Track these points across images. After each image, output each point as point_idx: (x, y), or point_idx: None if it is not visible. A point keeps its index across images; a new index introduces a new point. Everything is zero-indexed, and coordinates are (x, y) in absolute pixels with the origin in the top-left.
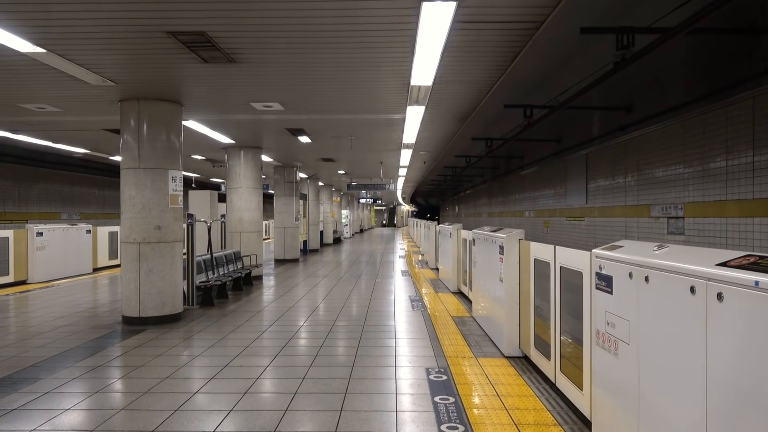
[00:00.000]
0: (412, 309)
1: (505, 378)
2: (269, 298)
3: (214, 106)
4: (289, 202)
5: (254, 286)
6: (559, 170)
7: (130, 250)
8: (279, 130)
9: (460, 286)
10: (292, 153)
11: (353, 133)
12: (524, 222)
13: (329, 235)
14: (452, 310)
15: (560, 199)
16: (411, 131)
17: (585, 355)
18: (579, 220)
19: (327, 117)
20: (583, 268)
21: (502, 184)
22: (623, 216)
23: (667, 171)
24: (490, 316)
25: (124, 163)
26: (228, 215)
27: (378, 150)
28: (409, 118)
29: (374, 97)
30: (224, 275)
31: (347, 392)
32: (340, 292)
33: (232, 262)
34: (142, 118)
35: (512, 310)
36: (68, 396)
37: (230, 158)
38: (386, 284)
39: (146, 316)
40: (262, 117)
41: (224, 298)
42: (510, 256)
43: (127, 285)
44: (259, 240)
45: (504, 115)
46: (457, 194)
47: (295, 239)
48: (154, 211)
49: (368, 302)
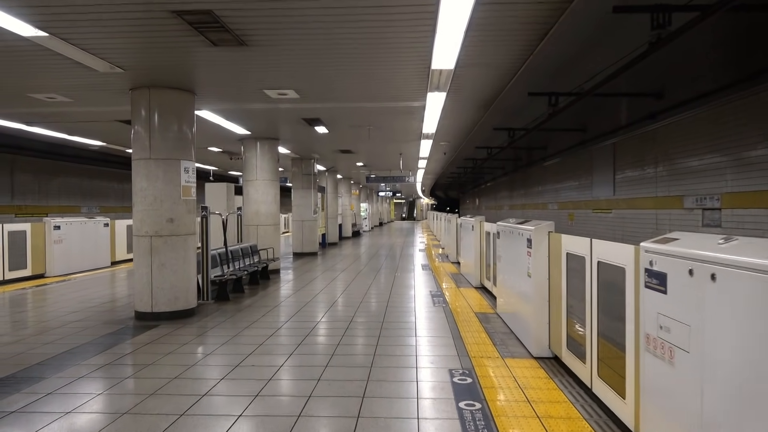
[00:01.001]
0: (433, 305)
1: (535, 381)
2: (286, 293)
3: (227, 94)
4: (307, 194)
5: (271, 280)
6: (585, 161)
7: (141, 244)
8: (295, 120)
9: (483, 280)
10: (309, 144)
11: (372, 123)
12: (547, 215)
13: (348, 228)
14: (475, 306)
15: (585, 191)
16: (431, 120)
17: (628, 360)
18: (606, 213)
19: (344, 105)
20: (626, 263)
21: (523, 176)
22: (653, 208)
23: (702, 160)
24: (516, 314)
25: (135, 153)
26: (244, 208)
27: (397, 141)
28: (429, 105)
29: (393, 82)
30: (240, 269)
31: (365, 396)
32: (359, 287)
33: (248, 255)
34: (153, 107)
35: (541, 308)
36: (70, 398)
37: (246, 150)
38: (406, 278)
39: (159, 312)
40: (277, 106)
41: (240, 293)
42: (539, 250)
43: (140, 279)
44: (276, 233)
45: (527, 104)
46: (477, 187)
47: (314, 232)
48: (166, 203)
49: (387, 297)
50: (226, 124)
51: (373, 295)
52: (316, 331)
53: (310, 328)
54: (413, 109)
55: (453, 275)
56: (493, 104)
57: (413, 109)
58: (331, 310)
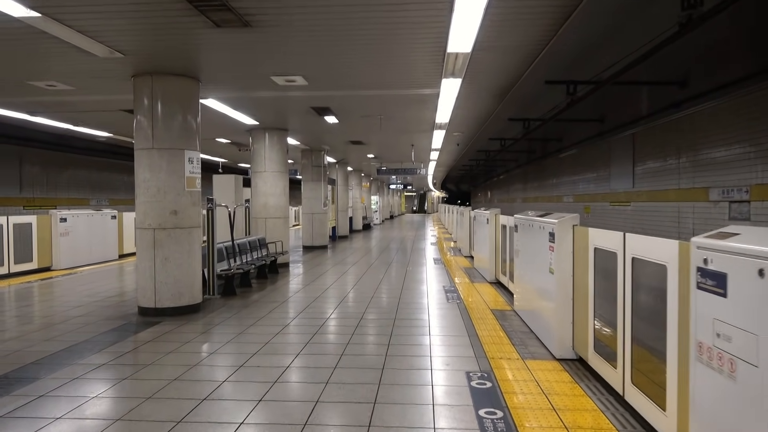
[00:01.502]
0: (447, 301)
1: (560, 386)
2: (295, 288)
3: (233, 81)
4: (317, 187)
5: (280, 275)
6: (602, 152)
7: (144, 237)
8: (304, 109)
9: (498, 275)
10: (319, 135)
11: (383, 113)
12: (562, 207)
13: (359, 221)
14: (490, 302)
15: (603, 183)
16: (445, 109)
17: (670, 369)
18: (624, 205)
19: (355, 93)
20: (668, 260)
21: (537, 168)
22: (676, 200)
23: (729, 150)
24: (536, 312)
25: (138, 143)
26: (253, 200)
27: (409, 131)
28: (443, 93)
29: (407, 67)
30: (247, 263)
31: (376, 401)
32: (370, 282)
33: (256, 249)
34: (155, 95)
35: (565, 307)
36: (62, 401)
37: (255, 141)
38: (418, 273)
39: (162, 307)
40: (285, 94)
41: (248, 287)
42: (562, 245)
43: (142, 274)
44: (285, 226)
45: (542, 94)
46: (490, 179)
47: (324, 225)
48: (170, 194)
49: (399, 293)
50: (234, 114)
51: (384, 290)
52: (325, 329)
53: (318, 325)
54: (426, 98)
55: (466, 269)
56: (510, 93)
57: (426, 97)
58: (341, 305)
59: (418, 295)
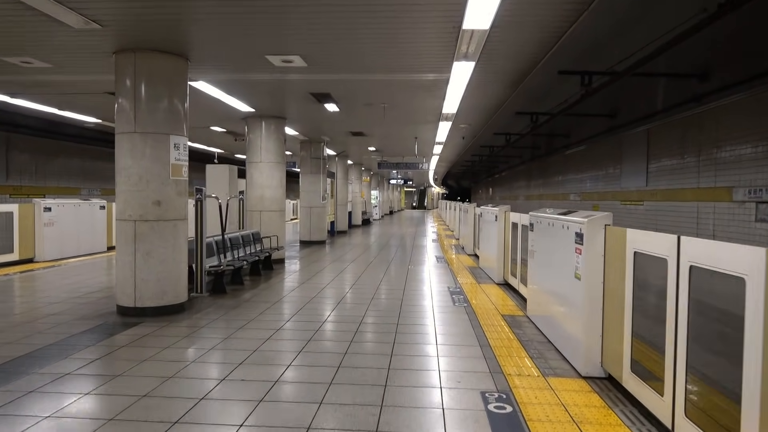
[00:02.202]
0: (453, 304)
1: (591, 413)
2: (290, 286)
3: (225, 60)
4: (316, 180)
5: (274, 271)
6: (613, 149)
7: (124, 229)
8: (302, 95)
9: (507, 276)
10: (318, 125)
11: (387, 101)
12: (569, 206)
13: (358, 216)
14: (500, 306)
15: (613, 181)
16: (453, 98)
17: (747, 407)
18: (636, 204)
19: (357, 77)
20: (747, 271)
21: (543, 165)
22: (694, 200)
23: (757, 147)
24: (555, 320)
25: (119, 126)
26: (248, 192)
27: (414, 122)
28: (453, 79)
29: (416, 48)
30: (240, 259)
31: (378, 429)
32: (369, 281)
33: (249, 244)
34: (139, 73)
35: (593, 318)
36: (7, 421)
37: (250, 129)
38: (420, 272)
39: (143, 307)
40: (282, 77)
41: (239, 285)
42: (592, 247)
43: (122, 270)
44: (282, 220)
45: (554, 86)
46: (492, 176)
47: (322, 220)
48: (153, 183)
49: (401, 294)
50: (227, 99)
51: (384, 291)
52: (320, 335)
53: (313, 330)
54: (435, 85)
55: (471, 269)
56: (523, 82)
57: (435, 84)
58: (339, 307)
59: (422, 297)
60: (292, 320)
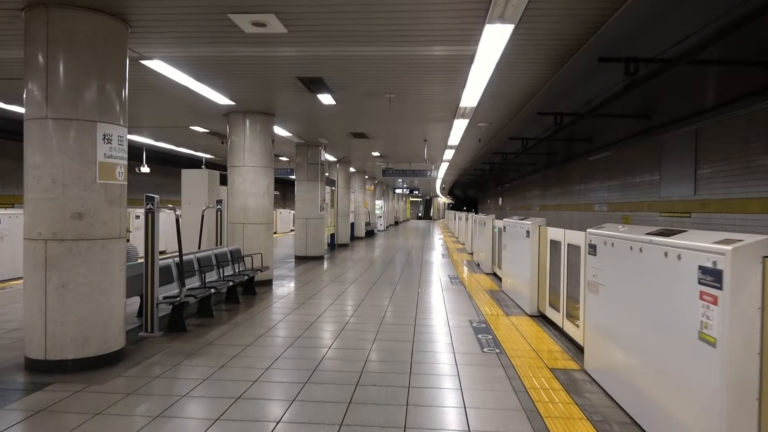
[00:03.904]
0: (481, 349)
1: None
2: (271, 319)
3: (178, 24)
4: (313, 188)
5: (258, 297)
6: (649, 153)
7: (32, 252)
8: (289, 82)
9: (544, 308)
10: (314, 124)
11: (393, 89)
12: (593, 218)
13: (361, 227)
14: (544, 353)
15: (649, 189)
16: (477, 83)
17: None
18: (682, 216)
19: (354, 52)
20: None
21: (560, 173)
22: (762, 212)
23: None
24: (648, 394)
25: (28, 110)
26: (230, 201)
27: (425, 119)
28: (482, 52)
29: (435, 4)
30: (207, 285)
31: None
32: (371, 311)
33: (226, 263)
34: (54, 37)
35: (741, 414)
36: None
37: (232, 128)
38: (432, 297)
39: (58, 360)
40: (260, 53)
41: (208, 317)
42: (740, 294)
43: (29, 308)
44: (269, 234)
45: (585, 80)
46: (501, 185)
47: (320, 232)
48: (72, 188)
49: (412, 332)
50: (199, 88)
51: (390, 327)
52: (302, 403)
53: (293, 395)
54: (456, 62)
55: (492, 293)
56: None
57: (456, 61)
58: (330, 355)
59: (438, 337)
60: (264, 376)
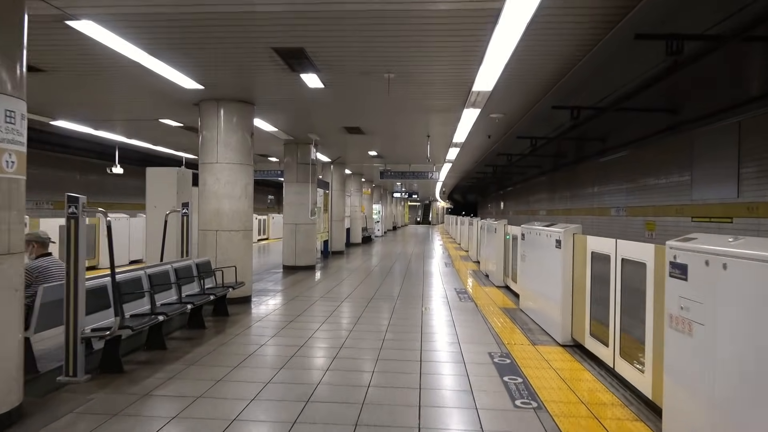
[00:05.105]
0: (513, 401)
1: None
2: (242, 350)
3: None
4: (303, 190)
5: (230, 320)
6: (677, 151)
7: None
8: (264, 55)
9: (583, 338)
10: (302, 117)
11: (393, 64)
12: (610, 223)
13: (357, 233)
14: (596, 405)
15: (678, 191)
16: (499, 54)
17: None
18: (722, 222)
19: (342, 8)
20: None
21: (570, 175)
22: None
23: None
24: None
25: None
26: (201, 204)
27: (429, 108)
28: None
29: None
30: (156, 312)
31: None
32: (366, 340)
33: (190, 280)
34: None
35: None
36: None
37: (204, 118)
38: (440, 319)
39: None
40: (219, 9)
41: (159, 349)
42: None
43: None
44: (246, 243)
45: (613, 66)
46: (503, 189)
47: (311, 240)
48: None
49: (417, 369)
50: (155, 65)
51: (389, 365)
52: None
53: None
54: (474, 22)
55: (509, 312)
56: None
57: (475, 19)
58: (309, 413)
59: (452, 381)
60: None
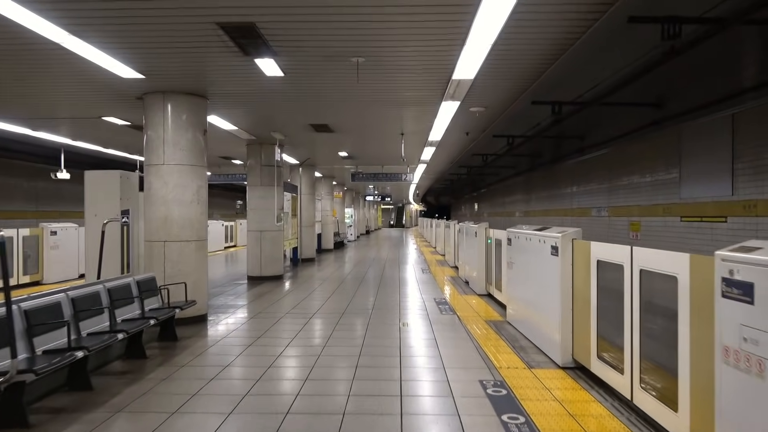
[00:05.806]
0: None
1: None
2: (187, 387)
3: None
4: (268, 194)
5: (179, 345)
6: (663, 147)
7: None
8: (210, 35)
9: (588, 361)
10: (264, 113)
11: (362, 47)
12: (590, 223)
13: (329, 238)
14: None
15: (665, 190)
16: (488, 27)
17: None
18: (714, 221)
19: None
20: None
21: (547, 174)
22: None
23: None
24: None
25: None
26: (147, 211)
27: (403, 101)
28: None
29: None
30: (73, 347)
31: None
32: (337, 369)
33: (130, 301)
34: None
35: None
36: None
37: (149, 113)
38: (420, 337)
39: None
40: None
41: (83, 390)
42: None
43: None
44: (201, 254)
45: (602, 55)
46: (477, 190)
47: (278, 247)
48: None
49: (398, 395)
50: (79, 47)
51: (363, 404)
52: None
53: None
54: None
55: (496, 326)
56: None
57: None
58: None
59: (440, 418)
60: None
